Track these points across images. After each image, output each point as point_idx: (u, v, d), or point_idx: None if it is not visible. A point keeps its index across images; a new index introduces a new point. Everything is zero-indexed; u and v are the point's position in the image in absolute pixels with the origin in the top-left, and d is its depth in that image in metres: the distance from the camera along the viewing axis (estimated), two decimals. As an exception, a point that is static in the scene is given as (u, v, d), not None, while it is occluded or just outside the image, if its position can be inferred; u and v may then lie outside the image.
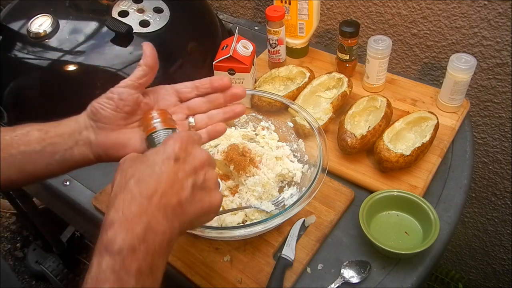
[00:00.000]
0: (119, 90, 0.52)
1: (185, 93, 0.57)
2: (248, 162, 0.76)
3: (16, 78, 0.89)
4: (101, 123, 0.52)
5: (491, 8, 0.90)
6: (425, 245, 0.66)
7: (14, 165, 0.50)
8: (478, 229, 1.29)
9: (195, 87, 0.57)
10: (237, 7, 1.35)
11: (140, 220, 0.40)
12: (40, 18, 0.87)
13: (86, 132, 0.52)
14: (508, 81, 0.97)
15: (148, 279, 0.39)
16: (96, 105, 0.52)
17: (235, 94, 0.57)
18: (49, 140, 0.51)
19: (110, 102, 0.52)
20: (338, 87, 0.93)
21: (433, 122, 0.83)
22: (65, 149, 0.51)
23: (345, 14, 1.13)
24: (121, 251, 0.38)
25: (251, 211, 0.72)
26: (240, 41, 0.93)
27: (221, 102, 0.58)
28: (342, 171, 0.82)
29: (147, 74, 0.53)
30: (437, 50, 1.03)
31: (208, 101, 0.58)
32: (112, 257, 0.38)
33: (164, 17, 0.93)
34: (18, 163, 0.50)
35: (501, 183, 1.15)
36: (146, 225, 0.40)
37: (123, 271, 0.38)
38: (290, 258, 0.69)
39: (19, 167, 0.50)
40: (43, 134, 0.51)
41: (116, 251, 0.38)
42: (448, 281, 1.34)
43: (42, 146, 0.50)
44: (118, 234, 0.39)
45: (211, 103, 0.58)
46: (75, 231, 1.60)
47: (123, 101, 0.51)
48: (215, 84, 0.57)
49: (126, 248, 0.38)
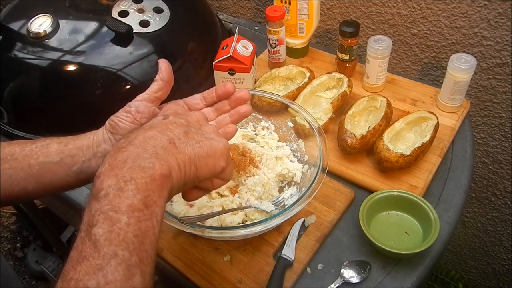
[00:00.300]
0: (136, 104, 0.54)
1: (194, 105, 0.59)
2: (248, 162, 0.76)
3: (16, 78, 0.89)
4: (119, 135, 0.53)
5: (491, 8, 0.90)
6: (425, 245, 0.66)
7: (32, 175, 0.51)
8: (478, 229, 1.29)
9: (203, 98, 0.60)
10: (237, 7, 1.35)
11: (124, 164, 0.40)
12: (40, 18, 0.87)
13: (104, 145, 0.53)
14: (508, 81, 0.97)
15: (143, 213, 0.38)
16: (115, 119, 0.54)
17: (239, 98, 0.59)
18: (68, 152, 0.52)
19: (128, 114, 0.53)
20: (338, 87, 0.93)
21: (433, 122, 0.83)
22: (83, 160, 0.52)
23: (345, 14, 1.13)
24: (108, 194, 0.38)
25: (251, 211, 0.72)
26: (240, 41, 0.93)
27: (227, 108, 0.60)
28: (342, 171, 0.82)
29: (163, 88, 0.55)
30: (437, 50, 1.03)
31: (215, 109, 0.60)
32: (98, 201, 0.38)
33: (164, 17, 0.93)
34: (36, 174, 0.51)
35: (501, 183, 1.15)
36: (131, 165, 0.40)
37: (112, 211, 0.37)
38: (290, 258, 0.69)
39: (36, 178, 0.51)
40: (63, 146, 0.52)
41: (103, 195, 0.38)
42: (448, 281, 1.34)
43: (61, 157, 0.52)
44: (104, 181, 0.39)
45: (218, 111, 0.60)
46: (75, 231, 1.60)
47: (140, 113, 0.53)
48: (219, 92, 0.59)
49: (112, 191, 0.38)
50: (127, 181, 0.39)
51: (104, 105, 0.88)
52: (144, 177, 0.40)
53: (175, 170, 0.43)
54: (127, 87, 0.88)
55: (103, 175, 0.40)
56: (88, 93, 0.87)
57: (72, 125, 0.90)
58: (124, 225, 0.37)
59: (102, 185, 0.39)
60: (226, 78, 0.93)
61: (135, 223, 0.37)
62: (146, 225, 0.38)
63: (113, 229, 0.36)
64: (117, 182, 0.39)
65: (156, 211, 0.40)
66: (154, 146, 0.43)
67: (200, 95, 0.60)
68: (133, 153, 0.41)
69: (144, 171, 0.40)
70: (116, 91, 0.88)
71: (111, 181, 0.39)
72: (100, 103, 0.88)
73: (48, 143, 0.52)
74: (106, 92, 0.87)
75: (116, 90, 0.88)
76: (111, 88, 0.88)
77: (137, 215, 0.38)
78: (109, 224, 0.36)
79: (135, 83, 0.88)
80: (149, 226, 0.38)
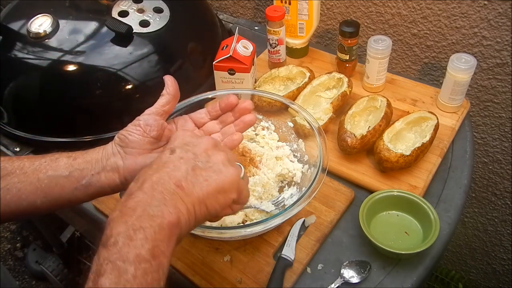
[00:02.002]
0: (145, 117, 0.55)
1: (199, 119, 0.61)
2: (248, 162, 0.76)
3: (16, 78, 0.89)
4: (129, 148, 0.54)
5: (491, 8, 0.90)
6: (425, 245, 0.66)
7: (41, 189, 0.51)
8: (478, 229, 1.29)
9: (208, 112, 0.61)
10: (237, 7, 1.35)
11: (134, 212, 0.41)
12: (40, 18, 0.87)
13: (113, 158, 0.53)
14: (508, 81, 0.97)
15: (151, 264, 0.39)
16: (124, 133, 0.54)
17: (243, 108, 0.60)
18: (77, 166, 0.52)
19: (137, 128, 0.54)
20: (338, 87, 0.93)
21: (433, 122, 0.83)
22: (92, 174, 0.52)
23: (345, 14, 1.13)
24: (117, 242, 0.38)
25: (251, 211, 0.72)
26: (240, 41, 0.93)
27: (232, 120, 0.61)
28: (342, 171, 0.82)
29: (170, 102, 0.56)
30: (437, 50, 1.03)
31: (220, 122, 0.61)
32: (107, 249, 0.38)
33: (164, 17, 0.93)
34: (45, 187, 0.51)
35: (501, 183, 1.15)
36: (140, 213, 0.40)
37: (120, 261, 0.37)
38: (290, 258, 0.69)
39: (45, 192, 0.51)
40: (72, 160, 0.53)
41: (112, 243, 0.38)
42: (448, 281, 1.34)
43: (70, 171, 0.52)
44: (113, 229, 0.39)
45: (223, 123, 0.61)
46: (75, 231, 1.60)
47: (150, 126, 0.54)
48: (223, 105, 0.60)
49: (121, 239, 0.39)
50: (136, 230, 0.39)
51: (104, 105, 0.89)
52: (153, 226, 0.40)
53: (184, 216, 0.43)
54: (127, 87, 0.88)
55: (114, 222, 0.40)
56: (88, 93, 0.87)
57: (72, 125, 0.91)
58: (130, 277, 0.37)
59: (112, 232, 0.39)
60: (226, 78, 0.93)
61: (142, 275, 0.38)
62: (152, 277, 0.39)
63: (119, 281, 0.37)
64: (126, 230, 0.39)
65: (163, 262, 0.40)
66: (162, 192, 0.43)
67: (204, 109, 0.61)
68: (143, 201, 0.42)
69: (153, 219, 0.41)
70: (116, 91, 0.88)
71: (121, 228, 0.39)
72: (100, 103, 0.88)
73: (57, 157, 0.53)
74: (106, 92, 0.87)
75: (116, 90, 0.88)
76: (111, 88, 0.88)
77: (144, 267, 0.38)
78: (116, 275, 0.37)
79: (135, 83, 0.88)
80: (155, 278, 0.39)
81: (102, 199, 0.80)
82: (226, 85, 0.94)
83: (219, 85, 0.95)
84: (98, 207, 0.80)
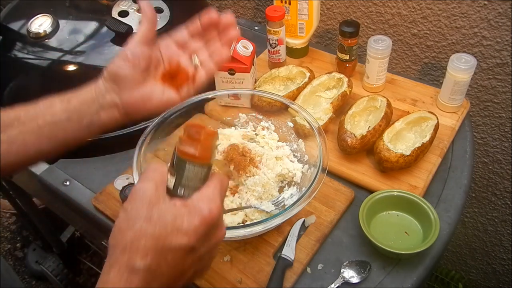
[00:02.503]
0: (131, 49, 0.54)
1: (181, 38, 0.59)
2: (248, 162, 0.76)
3: (16, 78, 0.89)
4: (122, 83, 0.54)
5: (491, 8, 0.90)
6: (425, 245, 0.66)
7: (44, 135, 0.52)
8: (478, 229, 1.29)
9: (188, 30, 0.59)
10: (237, 7, 1.35)
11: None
12: (40, 18, 0.87)
13: (109, 96, 0.54)
14: (508, 81, 0.97)
15: None
16: (114, 67, 0.54)
17: (225, 23, 0.58)
18: (73, 108, 0.53)
19: (126, 61, 0.54)
20: (338, 87, 0.93)
21: (433, 122, 0.83)
22: (91, 114, 0.53)
23: (345, 14, 1.13)
24: None
25: (251, 211, 0.72)
26: (240, 41, 0.93)
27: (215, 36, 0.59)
28: (342, 171, 0.82)
29: (150, 27, 0.55)
30: (437, 50, 1.03)
31: (205, 41, 0.59)
32: None
33: (164, 17, 0.93)
34: (48, 133, 0.52)
35: (501, 183, 1.15)
36: None
37: None
38: (290, 258, 0.69)
39: (48, 137, 0.52)
40: (66, 104, 0.53)
41: None
42: (448, 281, 1.34)
43: (68, 115, 0.53)
44: None
45: (208, 41, 0.59)
46: (75, 231, 1.60)
47: (138, 58, 0.54)
48: (204, 20, 0.58)
49: None
50: None
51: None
52: None
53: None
54: (127, 87, 0.87)
55: None
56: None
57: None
58: None
59: None
60: (226, 78, 0.93)
61: None
62: None
63: None
64: None
65: None
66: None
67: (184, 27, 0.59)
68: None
69: None
70: (116, 91, 0.88)
71: None
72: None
73: (50, 102, 0.53)
74: (106, 92, 0.87)
75: (116, 90, 0.88)
76: (111, 88, 0.87)
77: None
78: None
79: (135, 83, 0.88)
80: None
81: (102, 199, 0.80)
82: (226, 85, 0.94)
83: (219, 85, 0.95)
84: (98, 207, 0.80)
